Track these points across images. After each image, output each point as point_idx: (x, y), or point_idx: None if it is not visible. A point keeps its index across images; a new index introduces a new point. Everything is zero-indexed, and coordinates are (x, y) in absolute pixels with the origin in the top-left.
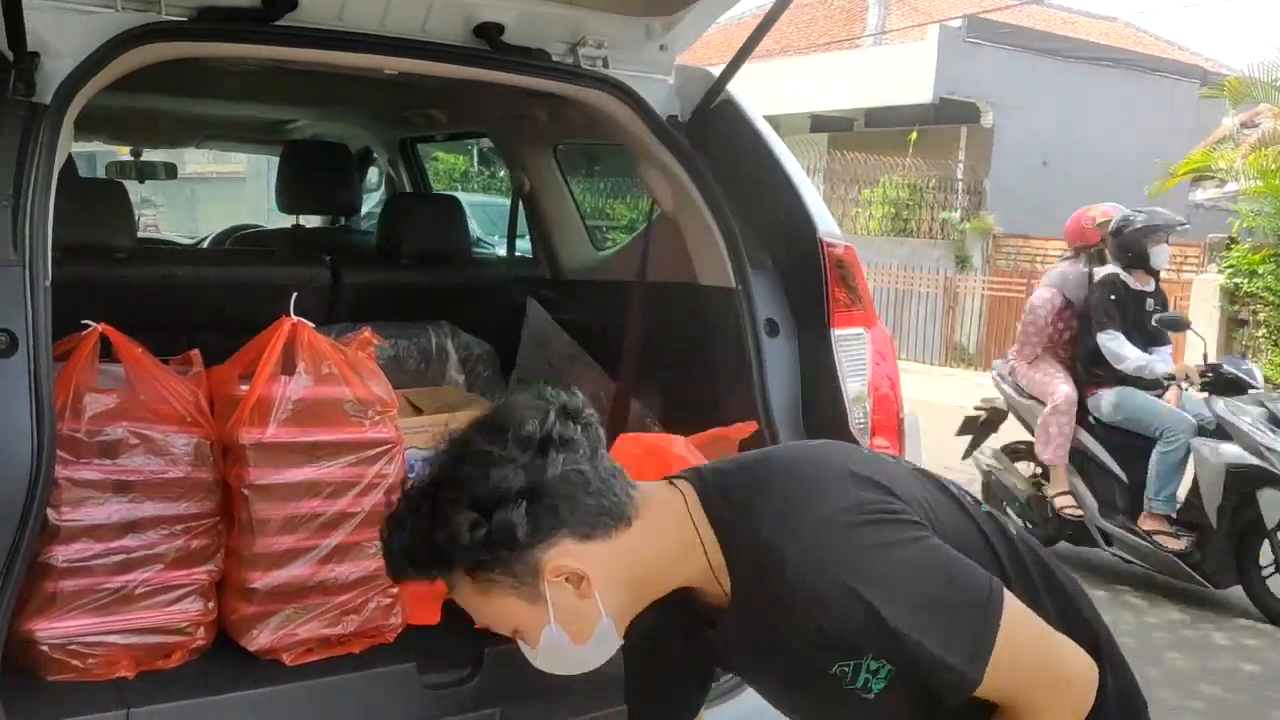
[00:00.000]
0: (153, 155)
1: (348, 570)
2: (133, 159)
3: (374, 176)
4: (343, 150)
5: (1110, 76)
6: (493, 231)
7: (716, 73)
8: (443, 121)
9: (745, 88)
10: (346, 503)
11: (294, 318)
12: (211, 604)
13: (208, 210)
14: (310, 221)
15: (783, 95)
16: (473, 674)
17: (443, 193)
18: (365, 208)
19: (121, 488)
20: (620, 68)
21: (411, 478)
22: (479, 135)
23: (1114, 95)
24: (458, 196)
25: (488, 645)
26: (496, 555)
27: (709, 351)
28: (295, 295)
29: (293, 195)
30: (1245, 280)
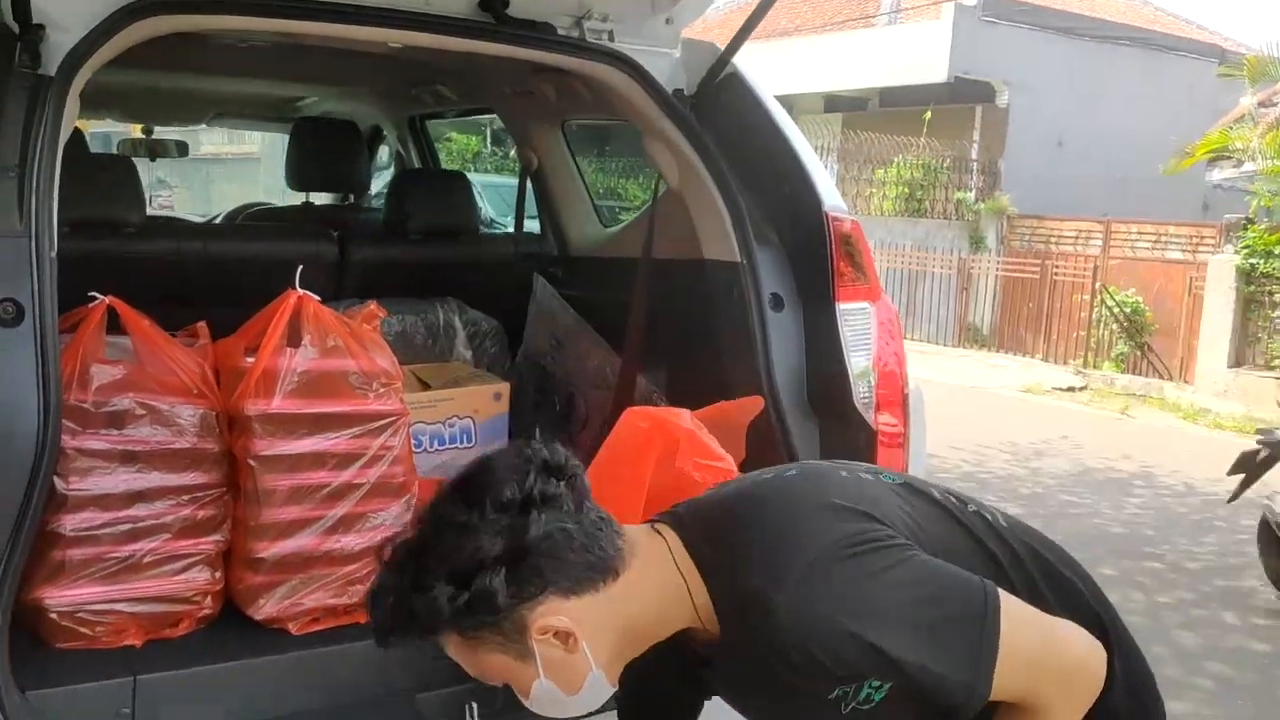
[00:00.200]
0: (165, 133)
1: (353, 541)
2: (144, 137)
3: (385, 155)
4: (352, 128)
5: (1127, 55)
6: (505, 212)
7: (723, 47)
8: (451, 98)
9: (758, 67)
10: (352, 474)
11: (299, 290)
12: (218, 573)
13: (223, 191)
14: (321, 199)
15: (797, 75)
16: None
17: (450, 169)
18: (376, 186)
19: (128, 458)
20: (626, 41)
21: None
22: (487, 112)
23: (1130, 74)
24: (466, 174)
25: None
26: (479, 620)
27: (714, 326)
28: (301, 269)
29: (302, 172)
30: (1261, 261)
